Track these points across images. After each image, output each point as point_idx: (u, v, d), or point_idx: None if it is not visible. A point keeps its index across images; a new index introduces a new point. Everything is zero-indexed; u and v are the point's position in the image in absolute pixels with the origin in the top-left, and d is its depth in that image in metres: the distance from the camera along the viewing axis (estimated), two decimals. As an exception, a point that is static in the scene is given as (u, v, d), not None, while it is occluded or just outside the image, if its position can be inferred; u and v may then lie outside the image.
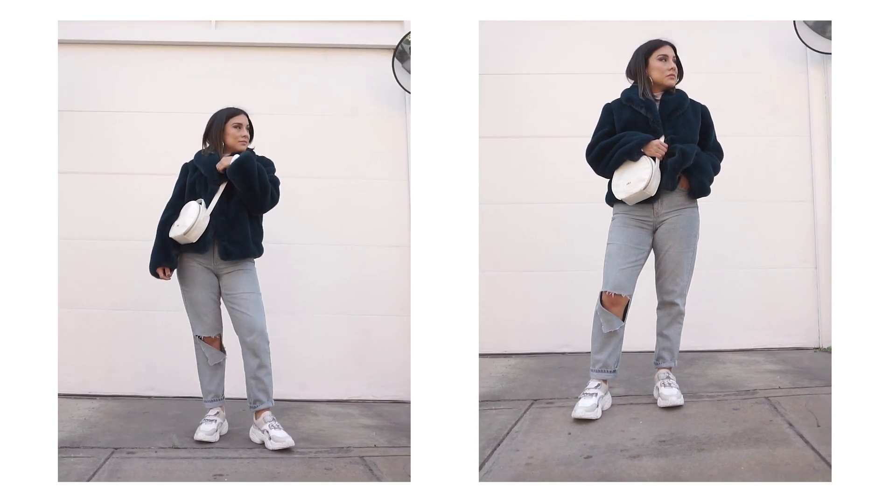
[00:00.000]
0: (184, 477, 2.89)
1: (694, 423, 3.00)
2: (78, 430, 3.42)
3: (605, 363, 3.15)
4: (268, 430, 3.23)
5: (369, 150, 4.21)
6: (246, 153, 3.30)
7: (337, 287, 4.17)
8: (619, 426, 3.01)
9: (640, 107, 3.14)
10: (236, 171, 3.23)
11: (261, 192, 3.27)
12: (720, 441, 2.81)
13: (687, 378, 3.58)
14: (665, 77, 3.14)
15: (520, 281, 4.33)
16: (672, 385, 3.23)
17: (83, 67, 4.14)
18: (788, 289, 4.29)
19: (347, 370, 4.12)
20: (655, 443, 2.83)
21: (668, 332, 3.27)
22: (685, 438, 2.85)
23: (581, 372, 3.60)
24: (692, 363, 3.86)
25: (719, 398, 3.29)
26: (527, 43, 4.36)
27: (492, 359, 4.13)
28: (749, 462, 2.62)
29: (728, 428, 2.93)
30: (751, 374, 3.70)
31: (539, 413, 3.23)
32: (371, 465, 3.05)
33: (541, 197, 4.32)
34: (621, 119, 3.16)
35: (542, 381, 3.70)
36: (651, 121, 3.13)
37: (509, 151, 4.33)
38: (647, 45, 3.19)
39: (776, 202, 4.31)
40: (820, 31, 4.11)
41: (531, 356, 4.19)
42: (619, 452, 2.76)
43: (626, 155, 3.07)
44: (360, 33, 4.17)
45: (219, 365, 3.39)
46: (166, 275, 3.31)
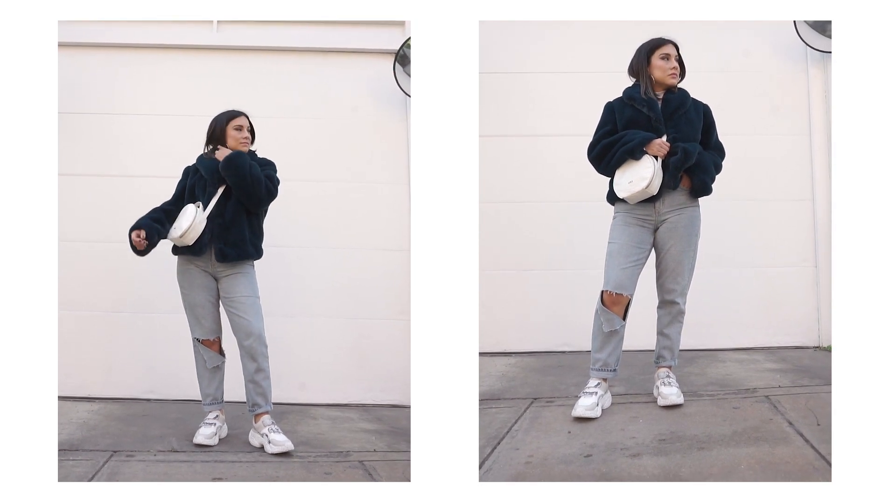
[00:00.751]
0: (183, 480, 2.88)
1: (694, 421, 3.00)
2: (77, 432, 3.42)
3: (606, 362, 3.15)
4: (267, 433, 3.23)
5: (369, 153, 4.21)
6: (235, 151, 3.30)
7: (336, 290, 4.17)
8: (619, 425, 3.01)
9: (642, 105, 3.14)
10: (227, 166, 3.25)
11: (253, 185, 3.25)
12: (720, 440, 2.81)
13: (687, 377, 3.58)
14: (667, 76, 3.14)
15: (520, 280, 4.33)
16: (672, 384, 3.23)
17: (83, 69, 4.14)
18: (788, 288, 4.29)
19: (347, 374, 4.12)
20: (655, 441, 2.83)
21: (668, 331, 3.27)
22: (685, 437, 2.85)
23: (581, 371, 3.60)
24: (692, 362, 3.87)
25: (719, 397, 3.30)
26: (526, 42, 4.36)
27: (491, 357, 4.13)
28: (749, 461, 2.62)
29: (728, 427, 2.93)
30: (751, 372, 3.70)
31: (539, 412, 3.23)
32: (370, 470, 3.05)
33: (541, 196, 4.32)
34: (623, 118, 3.16)
35: (542, 380, 3.70)
36: (653, 119, 3.13)
37: (509, 150, 4.33)
38: (649, 44, 3.18)
39: (776, 201, 4.31)
40: (820, 29, 4.11)
41: (531, 355, 4.19)
42: (618, 451, 2.76)
43: (629, 153, 3.07)
44: (360, 37, 4.18)
45: (217, 368, 3.39)
46: (140, 238, 3.22)
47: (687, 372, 3.67)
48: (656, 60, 3.15)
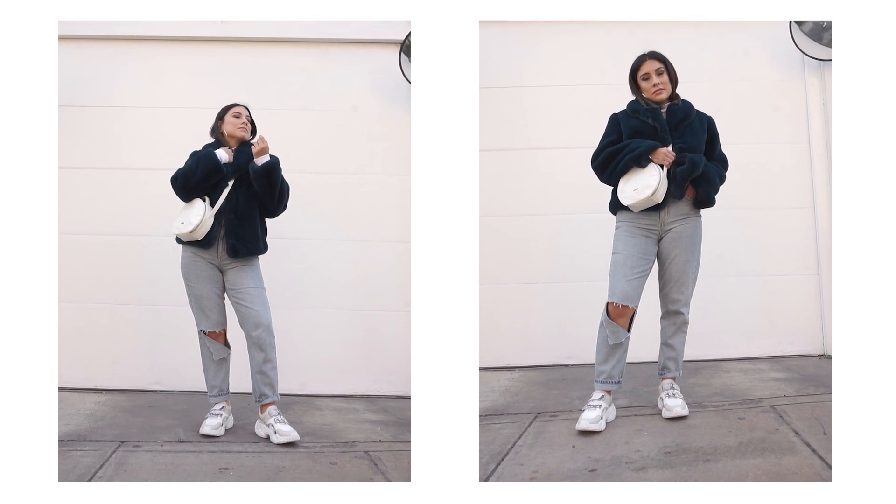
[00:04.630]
0: (189, 470, 2.91)
1: (699, 433, 2.98)
2: (84, 423, 3.44)
3: (610, 374, 3.12)
4: (273, 424, 3.24)
5: (374, 145, 4.21)
6: (274, 159, 3.31)
7: (341, 282, 4.17)
8: (624, 438, 2.98)
9: (646, 116, 3.14)
10: (263, 173, 3.26)
11: (279, 200, 3.32)
12: (726, 451, 2.78)
13: (691, 388, 3.55)
14: (653, 94, 3.15)
15: (521, 293, 4.31)
16: (677, 395, 3.21)
17: (85, 62, 4.14)
18: (791, 296, 4.28)
19: (352, 365, 4.13)
20: (661, 454, 2.80)
21: (672, 342, 3.25)
22: (691, 449, 2.83)
23: (584, 384, 3.57)
24: (696, 373, 3.84)
25: (724, 407, 3.27)
26: (524, 54, 4.36)
27: (494, 372, 4.10)
28: (756, 472, 2.59)
29: (734, 438, 2.90)
30: (755, 382, 3.68)
31: (543, 426, 3.21)
32: (376, 460, 3.07)
33: (542, 208, 4.31)
34: (629, 128, 3.15)
35: (546, 394, 3.68)
36: (659, 129, 3.12)
37: (508, 163, 4.31)
38: (632, 67, 3.20)
39: (777, 209, 4.30)
40: (816, 38, 4.11)
41: (533, 369, 4.17)
42: (624, 465, 2.74)
43: (634, 161, 3.06)
44: (364, 28, 4.16)
45: (224, 360, 3.40)
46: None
47: (691, 383, 3.65)
48: (640, 82, 3.18)
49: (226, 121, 3.37)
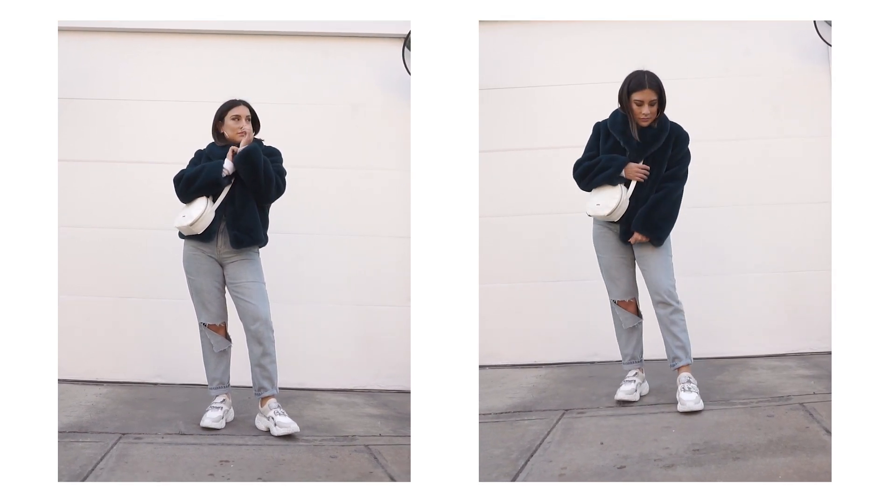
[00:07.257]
0: (190, 462, 2.95)
1: (728, 431, 2.98)
2: (86, 415, 3.48)
3: (633, 355, 3.47)
4: (273, 416, 3.27)
5: (376, 139, 4.18)
6: (252, 144, 3.32)
7: (342, 277, 4.16)
8: (652, 435, 2.99)
9: (619, 138, 3.29)
10: (242, 161, 3.27)
11: (265, 184, 3.30)
12: (756, 449, 2.78)
13: (718, 385, 3.55)
14: (640, 120, 3.26)
15: (546, 290, 4.30)
16: (692, 389, 3.24)
17: (86, 55, 4.12)
18: (815, 291, 4.22)
19: (353, 360, 4.12)
20: (689, 452, 2.81)
21: (673, 330, 3.32)
22: (720, 447, 2.83)
23: (611, 381, 3.59)
24: (723, 370, 3.83)
25: (753, 405, 3.27)
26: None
27: (521, 369, 4.12)
28: (787, 470, 2.59)
29: (763, 435, 2.91)
30: (783, 379, 3.66)
31: (571, 423, 3.22)
32: (376, 454, 3.10)
33: (570, 206, 4.28)
34: (606, 146, 3.33)
35: (573, 391, 3.69)
36: (628, 153, 3.29)
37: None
38: (628, 84, 3.27)
39: (797, 204, 4.24)
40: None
41: (560, 366, 4.17)
42: (652, 462, 2.75)
43: (606, 180, 3.28)
44: (368, 22, 4.07)
45: (224, 352, 3.44)
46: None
47: (718, 380, 3.64)
48: (632, 104, 3.26)
49: (225, 123, 3.38)
